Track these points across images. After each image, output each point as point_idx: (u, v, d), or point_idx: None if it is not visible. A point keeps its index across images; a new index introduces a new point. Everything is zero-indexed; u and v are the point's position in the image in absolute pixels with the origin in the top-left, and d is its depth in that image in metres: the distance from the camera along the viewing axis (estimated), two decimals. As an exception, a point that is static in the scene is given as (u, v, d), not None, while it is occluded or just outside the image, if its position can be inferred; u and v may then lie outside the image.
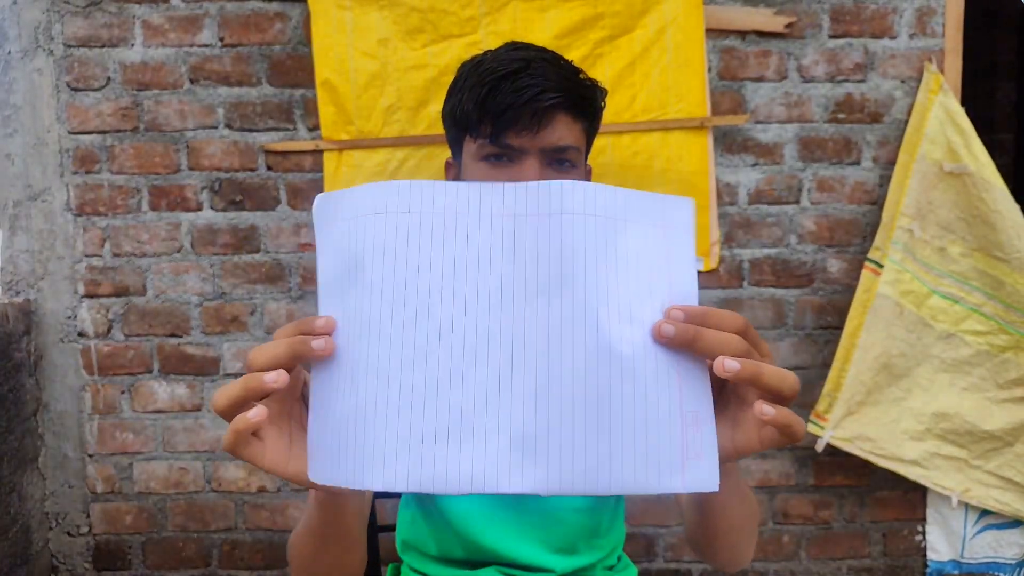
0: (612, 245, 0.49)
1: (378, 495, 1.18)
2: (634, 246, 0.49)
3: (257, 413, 0.48)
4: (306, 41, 1.85)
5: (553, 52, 0.84)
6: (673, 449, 0.47)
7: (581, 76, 0.84)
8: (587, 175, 0.92)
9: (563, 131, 0.81)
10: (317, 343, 0.48)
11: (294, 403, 0.54)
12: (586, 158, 0.90)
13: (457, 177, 0.90)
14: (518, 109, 0.78)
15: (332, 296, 0.50)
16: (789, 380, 0.50)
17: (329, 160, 1.85)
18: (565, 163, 0.83)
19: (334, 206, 0.49)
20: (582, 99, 0.82)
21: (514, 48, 0.84)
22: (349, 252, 0.49)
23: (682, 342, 0.47)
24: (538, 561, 0.91)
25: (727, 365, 0.47)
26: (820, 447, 1.85)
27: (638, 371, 0.47)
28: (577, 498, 0.93)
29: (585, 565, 0.95)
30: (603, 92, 0.88)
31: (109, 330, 1.92)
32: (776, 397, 0.50)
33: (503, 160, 0.82)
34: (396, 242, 0.48)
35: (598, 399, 0.46)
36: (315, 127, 1.86)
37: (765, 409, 0.49)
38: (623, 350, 0.47)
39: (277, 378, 0.47)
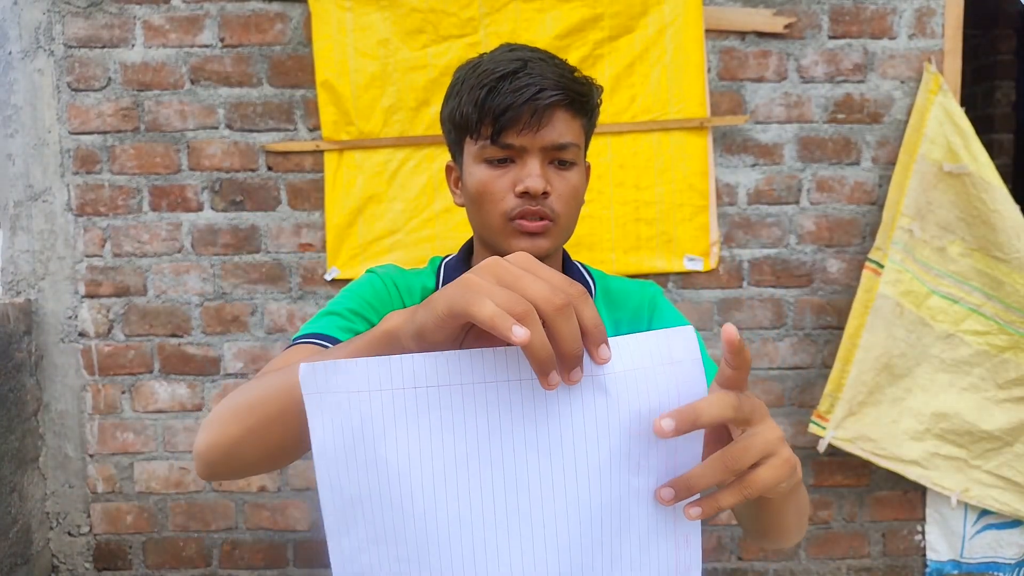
0: (617, 400, 0.49)
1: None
2: (642, 395, 0.50)
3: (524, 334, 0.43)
4: (306, 41, 1.85)
5: (548, 52, 0.85)
6: (669, 567, 0.54)
7: (576, 74, 0.85)
8: (586, 172, 0.93)
9: (563, 128, 0.82)
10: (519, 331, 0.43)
11: None
12: (584, 156, 0.90)
13: (459, 179, 0.90)
14: (518, 108, 0.78)
15: (335, 468, 0.50)
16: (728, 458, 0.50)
17: (329, 160, 1.86)
18: (565, 161, 0.84)
19: (324, 377, 0.48)
20: (580, 96, 0.83)
21: (510, 49, 0.85)
22: (349, 426, 0.48)
23: (686, 429, 0.49)
24: None
25: (663, 493, 0.51)
26: (822, 448, 1.85)
27: (640, 515, 0.52)
28: None
29: None
30: (599, 89, 0.88)
31: (110, 330, 1.92)
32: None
33: (505, 161, 0.83)
34: (404, 417, 0.48)
35: (603, 545, 0.52)
36: (315, 127, 1.86)
37: (691, 511, 0.51)
38: (629, 502, 0.52)
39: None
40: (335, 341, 0.79)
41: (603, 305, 0.94)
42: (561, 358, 0.45)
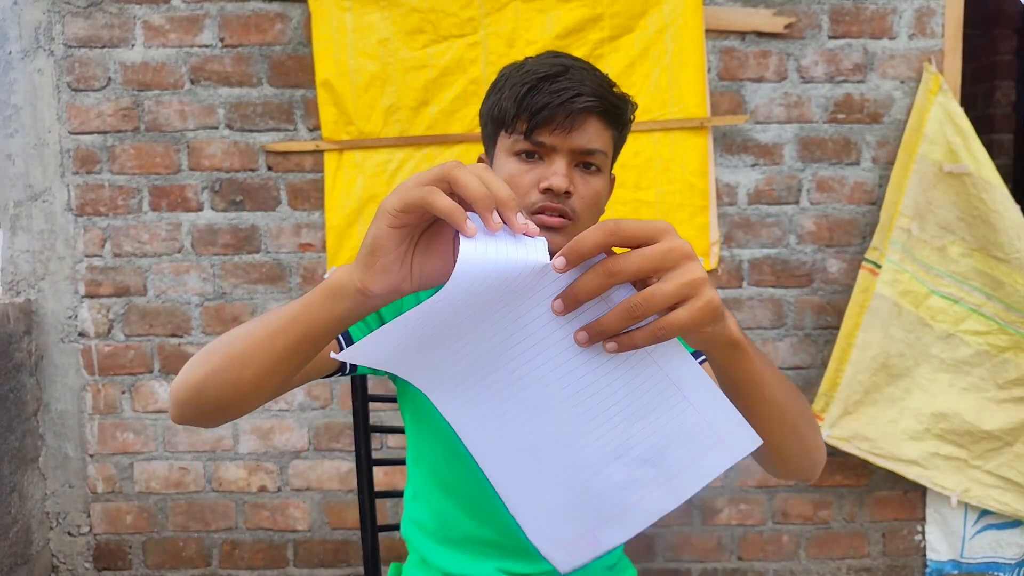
0: (664, 407, 0.55)
1: (382, 493, 1.18)
2: (680, 425, 0.55)
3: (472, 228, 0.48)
4: (306, 41, 1.85)
5: (591, 64, 0.89)
6: (708, 444, 0.56)
7: (615, 89, 0.89)
8: (610, 183, 0.96)
9: (593, 135, 0.86)
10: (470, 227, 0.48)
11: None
12: (611, 168, 0.94)
13: None
14: (554, 108, 0.83)
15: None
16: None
17: (329, 160, 1.86)
18: (591, 167, 0.88)
19: (361, 355, 0.53)
20: (614, 107, 0.87)
21: (555, 56, 0.90)
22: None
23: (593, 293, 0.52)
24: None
25: (579, 336, 0.53)
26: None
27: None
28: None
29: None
30: (633, 106, 0.92)
31: (110, 330, 1.92)
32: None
33: (534, 157, 0.86)
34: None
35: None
36: (315, 127, 1.86)
37: (607, 346, 0.53)
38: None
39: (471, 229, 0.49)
40: (345, 333, 0.84)
41: None
42: (501, 205, 0.50)
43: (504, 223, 0.50)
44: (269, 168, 1.89)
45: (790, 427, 0.68)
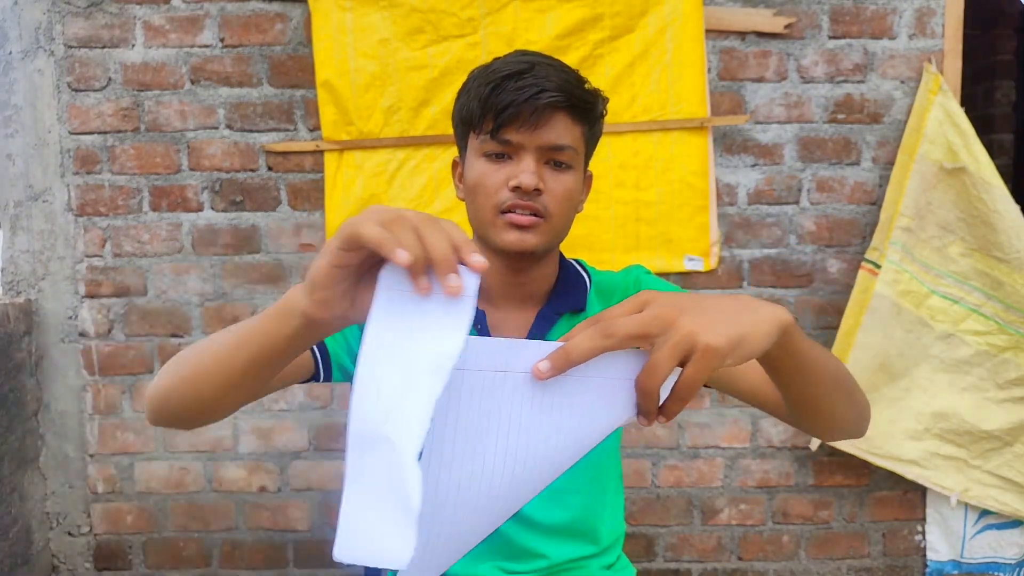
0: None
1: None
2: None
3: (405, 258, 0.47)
4: (306, 42, 1.85)
5: (559, 60, 0.89)
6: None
7: (586, 85, 0.88)
8: (587, 181, 0.95)
9: (561, 131, 0.85)
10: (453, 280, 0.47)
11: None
12: (586, 164, 0.93)
13: (462, 176, 0.93)
14: (518, 106, 0.82)
15: (379, 358, 0.51)
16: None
17: (329, 160, 1.86)
18: (561, 164, 0.86)
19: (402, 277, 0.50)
20: (581, 101, 0.86)
21: (522, 54, 0.88)
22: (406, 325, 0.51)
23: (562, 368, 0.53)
24: (534, 545, 0.93)
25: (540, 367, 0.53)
26: (814, 446, 1.85)
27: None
28: (579, 481, 0.95)
29: (579, 556, 0.95)
30: (604, 100, 0.92)
31: (110, 330, 1.92)
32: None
33: (503, 157, 0.85)
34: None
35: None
36: (315, 128, 1.86)
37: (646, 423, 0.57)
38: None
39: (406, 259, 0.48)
40: (323, 346, 0.86)
41: (597, 300, 0.97)
42: (434, 265, 0.48)
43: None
44: (269, 168, 1.89)
45: (845, 393, 0.73)
